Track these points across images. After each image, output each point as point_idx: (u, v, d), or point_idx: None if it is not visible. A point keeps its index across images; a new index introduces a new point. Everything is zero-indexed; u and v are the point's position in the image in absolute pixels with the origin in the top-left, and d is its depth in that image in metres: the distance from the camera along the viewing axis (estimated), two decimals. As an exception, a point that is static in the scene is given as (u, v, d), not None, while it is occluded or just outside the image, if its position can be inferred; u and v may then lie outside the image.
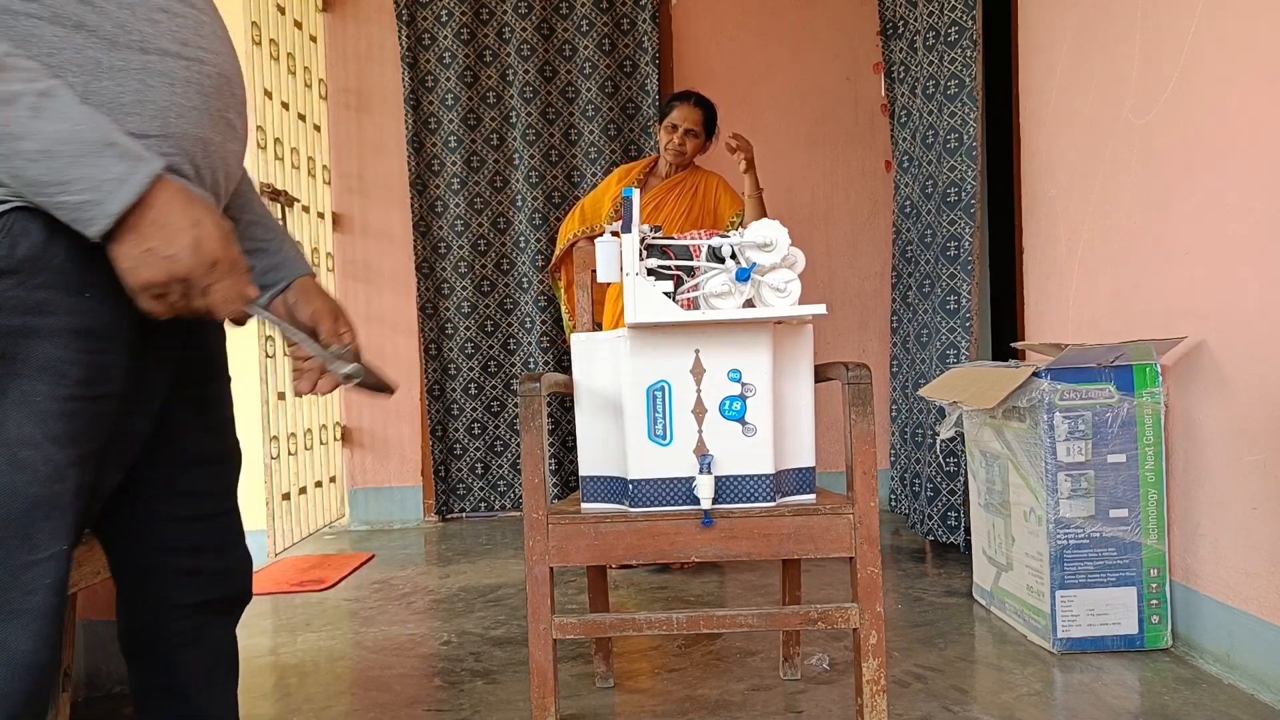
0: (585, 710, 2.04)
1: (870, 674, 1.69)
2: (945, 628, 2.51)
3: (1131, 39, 2.41)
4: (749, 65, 4.22)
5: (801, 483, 1.74)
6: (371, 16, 4.17)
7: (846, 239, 4.21)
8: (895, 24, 3.72)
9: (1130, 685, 2.07)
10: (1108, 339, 2.48)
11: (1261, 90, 1.96)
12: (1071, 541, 2.26)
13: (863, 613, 1.68)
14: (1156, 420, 2.26)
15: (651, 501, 1.67)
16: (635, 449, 1.67)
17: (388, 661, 2.38)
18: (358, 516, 4.22)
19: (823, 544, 1.67)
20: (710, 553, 1.65)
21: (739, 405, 1.65)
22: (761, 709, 2.00)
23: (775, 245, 1.64)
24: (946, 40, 3.31)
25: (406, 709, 2.07)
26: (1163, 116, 2.30)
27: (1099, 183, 2.59)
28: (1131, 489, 2.26)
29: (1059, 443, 2.26)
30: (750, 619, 1.70)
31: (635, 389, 1.66)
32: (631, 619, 1.70)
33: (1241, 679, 2.04)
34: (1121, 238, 2.48)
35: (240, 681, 2.21)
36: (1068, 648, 2.27)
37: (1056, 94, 2.85)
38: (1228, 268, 2.07)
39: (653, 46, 4.02)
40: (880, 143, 4.15)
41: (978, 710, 1.96)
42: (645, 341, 1.66)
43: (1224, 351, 2.10)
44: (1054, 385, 2.26)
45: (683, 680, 2.18)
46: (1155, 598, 2.26)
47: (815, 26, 4.20)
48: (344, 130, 4.20)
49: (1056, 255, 2.86)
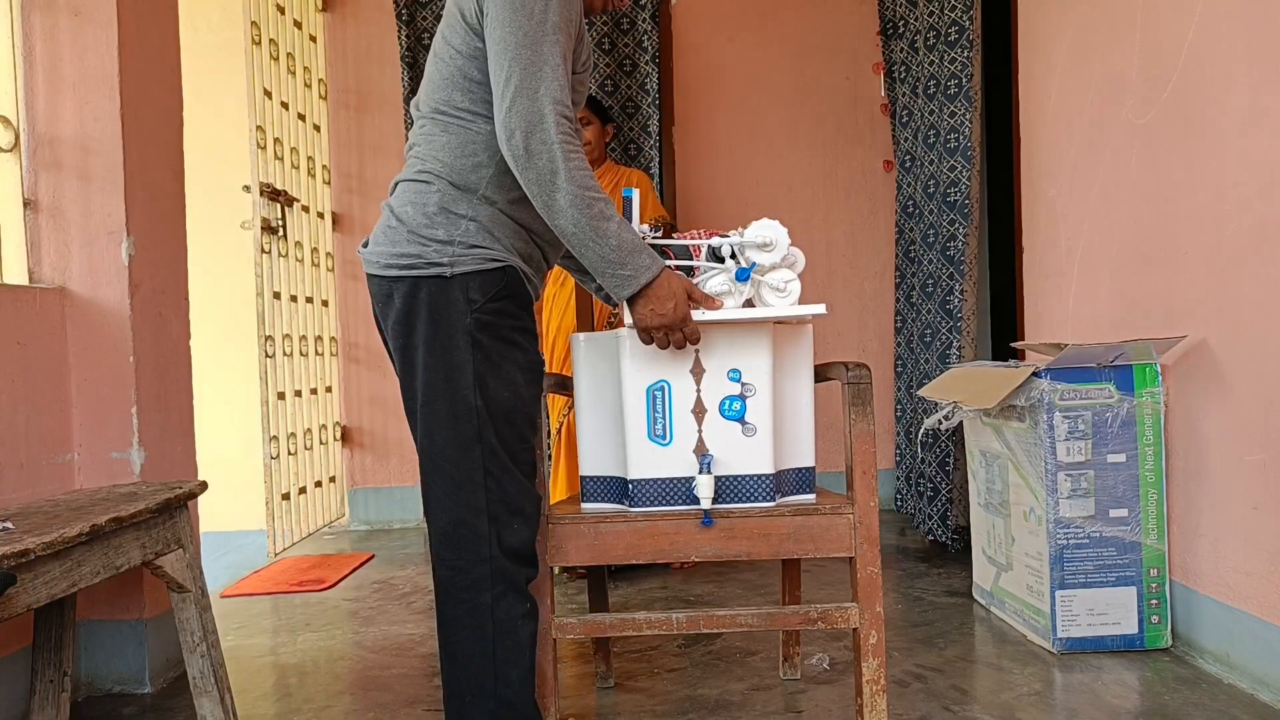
0: (585, 710, 2.04)
1: (870, 674, 1.69)
2: (945, 628, 2.51)
3: (1131, 39, 2.41)
4: (749, 65, 4.21)
5: (801, 483, 1.74)
6: (371, 16, 4.17)
7: (846, 239, 4.21)
8: (895, 24, 3.72)
9: (1130, 685, 2.07)
10: (1108, 339, 2.48)
11: (1261, 90, 1.96)
12: (1071, 541, 2.26)
13: (863, 613, 1.68)
14: (1156, 420, 2.26)
15: (651, 501, 1.67)
16: (635, 449, 1.67)
17: (388, 661, 2.38)
18: (358, 516, 4.22)
19: (823, 544, 1.67)
20: (710, 553, 1.65)
21: (739, 405, 1.65)
22: (761, 709, 2.00)
23: (775, 245, 1.64)
24: (946, 40, 3.31)
25: (406, 709, 2.08)
26: (1163, 116, 2.30)
27: (1099, 183, 2.59)
28: (1131, 489, 2.26)
29: (1059, 442, 2.26)
30: (750, 619, 1.70)
31: (635, 389, 1.66)
32: (631, 619, 1.71)
33: (1241, 679, 2.04)
34: (1121, 238, 2.48)
35: (240, 681, 2.21)
36: (1068, 647, 2.27)
37: (1056, 94, 2.85)
38: (1228, 268, 2.07)
39: (652, 46, 4.02)
40: (880, 143, 4.15)
41: (978, 710, 1.96)
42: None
43: (1224, 351, 2.10)
44: (1054, 385, 2.26)
45: (683, 680, 2.18)
46: (1155, 597, 2.26)
47: (815, 26, 4.20)
48: (344, 130, 4.20)
49: (1056, 255, 2.86)
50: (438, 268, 1.45)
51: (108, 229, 2.20)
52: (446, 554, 1.47)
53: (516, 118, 1.38)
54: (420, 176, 1.50)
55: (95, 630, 2.23)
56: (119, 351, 2.21)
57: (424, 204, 1.48)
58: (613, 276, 1.46)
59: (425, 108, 1.54)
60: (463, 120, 1.50)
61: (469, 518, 1.46)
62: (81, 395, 2.20)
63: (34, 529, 1.51)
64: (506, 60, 1.40)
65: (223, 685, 1.90)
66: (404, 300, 1.47)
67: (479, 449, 1.46)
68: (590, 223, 1.41)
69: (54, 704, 1.89)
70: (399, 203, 1.51)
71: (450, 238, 1.46)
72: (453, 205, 1.48)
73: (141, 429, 2.22)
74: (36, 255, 2.20)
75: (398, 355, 1.51)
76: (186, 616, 1.87)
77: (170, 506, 1.82)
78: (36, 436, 2.08)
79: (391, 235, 1.49)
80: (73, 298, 2.20)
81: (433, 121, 1.52)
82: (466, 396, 1.46)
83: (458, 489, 1.47)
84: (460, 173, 1.49)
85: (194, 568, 1.91)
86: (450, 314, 1.45)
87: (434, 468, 1.48)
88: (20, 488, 2.01)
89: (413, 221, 1.48)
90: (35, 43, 2.18)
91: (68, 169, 2.20)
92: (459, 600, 1.47)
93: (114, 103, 2.19)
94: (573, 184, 1.39)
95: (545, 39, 1.40)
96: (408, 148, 1.58)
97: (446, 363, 1.46)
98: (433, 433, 1.48)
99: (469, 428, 1.46)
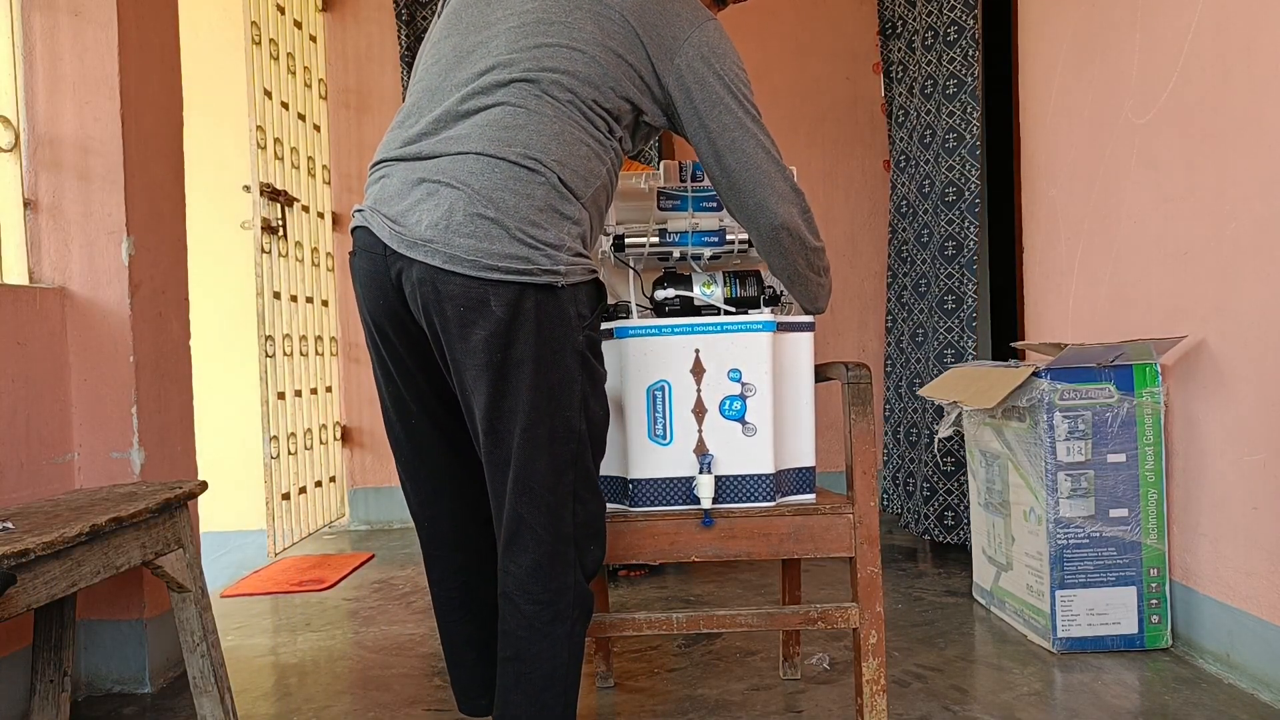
0: (585, 710, 2.04)
1: (870, 674, 1.69)
2: (945, 627, 2.51)
3: (1131, 39, 2.41)
4: (749, 65, 4.20)
5: (801, 482, 1.74)
6: (371, 16, 4.17)
7: (846, 239, 4.21)
8: (894, 24, 3.71)
9: (1130, 685, 2.07)
10: (1108, 339, 2.48)
11: (1261, 90, 1.96)
12: (1071, 541, 2.26)
13: (863, 612, 1.68)
14: (1156, 420, 2.26)
15: (651, 501, 1.67)
16: (635, 449, 1.67)
17: (388, 661, 2.38)
18: (358, 516, 4.22)
19: (823, 544, 1.67)
20: (710, 553, 1.65)
21: (739, 405, 1.65)
22: (761, 709, 2.00)
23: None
24: (946, 40, 3.31)
25: (406, 709, 2.07)
26: (1163, 116, 2.30)
27: (1099, 183, 2.59)
28: (1131, 489, 2.26)
29: (1059, 442, 2.26)
30: (750, 619, 1.69)
31: (635, 389, 1.66)
32: (631, 619, 1.70)
33: (1241, 679, 2.04)
34: (1121, 238, 2.48)
35: (240, 681, 2.21)
36: (1067, 647, 2.27)
37: (1056, 94, 2.85)
38: (1228, 268, 2.07)
39: (653, 46, 4.02)
40: (880, 143, 4.15)
41: (978, 710, 1.96)
42: (645, 341, 1.66)
43: (1224, 351, 2.10)
44: (1054, 385, 2.26)
45: (683, 680, 2.18)
46: (1155, 597, 2.26)
47: (815, 26, 4.20)
48: (344, 130, 4.20)
49: (1056, 255, 2.86)
50: (550, 275, 1.29)
51: (108, 229, 2.20)
52: (536, 588, 1.34)
53: (784, 214, 1.49)
54: (524, 161, 1.29)
55: (95, 630, 2.23)
56: (119, 351, 2.21)
57: (530, 195, 1.28)
58: (816, 289, 1.63)
59: (537, 80, 1.32)
60: (598, 125, 1.36)
61: (561, 547, 1.36)
62: (81, 395, 2.20)
63: (34, 529, 1.51)
64: (750, 160, 1.46)
65: (223, 685, 1.90)
66: (507, 309, 1.28)
67: (573, 473, 1.36)
68: (822, 278, 1.62)
69: (54, 704, 1.89)
70: (484, 185, 1.28)
71: (559, 242, 1.30)
72: (560, 205, 1.31)
73: (141, 429, 2.22)
74: (36, 255, 2.20)
75: (489, 370, 1.30)
76: (186, 616, 1.87)
77: (170, 506, 1.82)
78: (36, 436, 2.08)
79: (485, 228, 1.27)
80: (73, 298, 2.20)
81: (551, 103, 1.32)
82: (570, 419, 1.34)
83: (552, 517, 1.35)
84: (573, 172, 1.32)
85: (194, 568, 1.91)
86: (561, 329, 1.32)
87: (530, 496, 1.33)
88: (20, 488, 2.01)
89: (515, 214, 1.28)
90: (35, 43, 2.18)
91: (68, 169, 2.20)
92: (543, 635, 1.35)
93: (114, 103, 2.19)
94: (822, 257, 1.61)
95: (760, 121, 1.51)
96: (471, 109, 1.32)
97: (552, 381, 1.32)
98: (534, 458, 1.32)
99: (567, 451, 1.35)
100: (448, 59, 1.41)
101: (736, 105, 1.45)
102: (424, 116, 1.37)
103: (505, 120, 1.30)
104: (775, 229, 1.50)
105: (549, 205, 1.29)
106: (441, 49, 1.44)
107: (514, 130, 1.30)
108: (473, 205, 1.27)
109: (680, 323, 1.65)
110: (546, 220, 1.29)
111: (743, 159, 1.45)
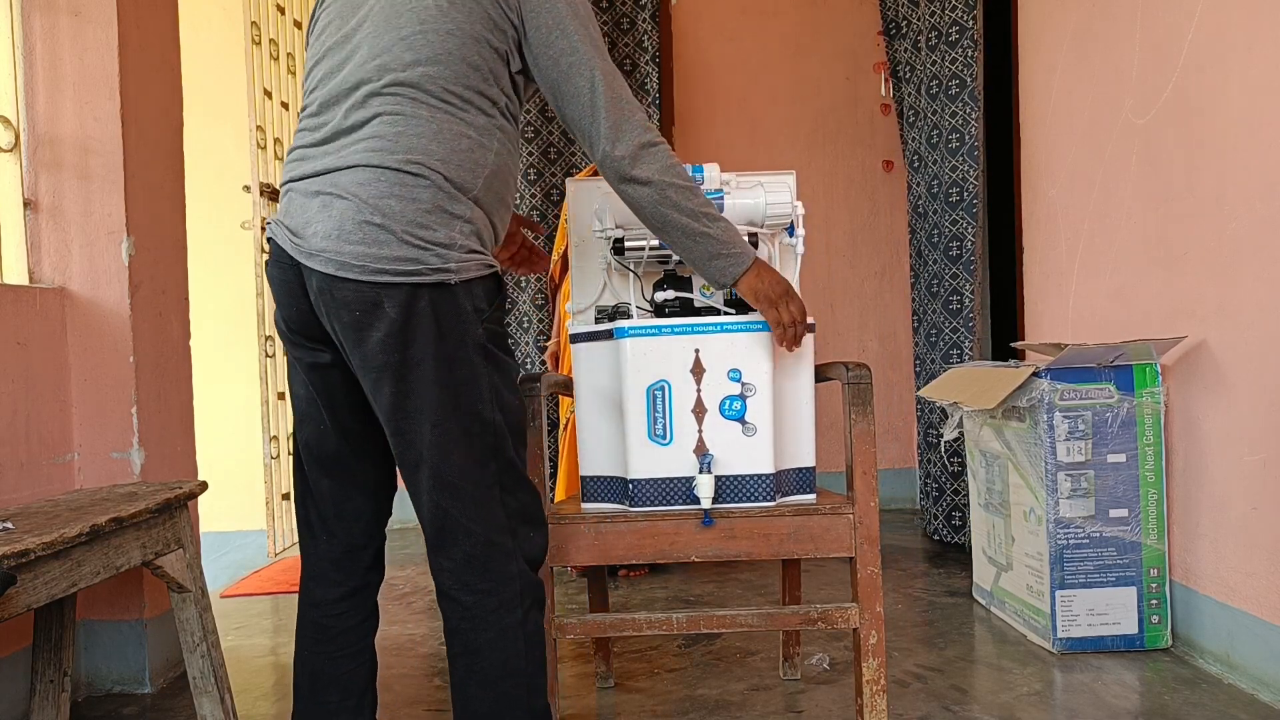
0: (585, 710, 2.04)
1: (870, 674, 1.69)
2: (945, 628, 2.51)
3: (1131, 39, 2.41)
4: (749, 65, 4.21)
5: (801, 483, 1.74)
6: (371, 16, 4.17)
7: (846, 239, 4.21)
8: (898, 23, 3.71)
9: (1130, 685, 2.07)
10: (1108, 339, 2.48)
11: (1261, 90, 1.96)
12: (1071, 541, 2.26)
13: (863, 613, 1.68)
14: (1156, 420, 2.26)
15: (651, 501, 1.67)
16: (635, 449, 1.67)
17: (388, 661, 2.38)
18: (358, 516, 4.21)
19: (823, 544, 1.67)
20: (710, 553, 1.65)
21: (739, 405, 1.65)
22: (761, 709, 2.00)
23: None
24: (948, 40, 3.31)
25: (406, 709, 2.07)
26: (1163, 116, 2.30)
27: (1099, 183, 2.59)
28: (1131, 489, 2.26)
29: (1059, 443, 2.26)
30: (750, 619, 1.69)
31: (635, 389, 1.66)
32: (631, 619, 1.70)
33: (1241, 679, 2.04)
34: (1121, 238, 2.48)
35: (240, 681, 2.21)
36: (1068, 647, 2.27)
37: (1056, 94, 2.85)
38: (1228, 268, 2.07)
39: (653, 46, 4.01)
40: (880, 143, 4.15)
41: (978, 710, 1.96)
42: (645, 341, 1.66)
43: (1224, 351, 2.10)
44: (1054, 385, 2.26)
45: (683, 680, 2.18)
46: (1155, 597, 2.26)
47: (815, 26, 4.20)
48: (344, 130, 4.19)
49: (1056, 255, 2.86)
50: (441, 274, 1.32)
51: (108, 229, 2.20)
52: (473, 579, 1.37)
53: (626, 145, 1.42)
54: (407, 167, 1.33)
55: (95, 630, 2.23)
56: (119, 351, 2.21)
57: (415, 199, 1.32)
58: (710, 266, 1.51)
59: (406, 81, 1.36)
60: (476, 109, 1.39)
61: (496, 537, 1.38)
62: (82, 395, 2.20)
63: (34, 529, 1.51)
64: (587, 81, 1.41)
65: (223, 685, 1.90)
66: (400, 310, 1.31)
67: (495, 464, 1.38)
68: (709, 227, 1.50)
69: (54, 704, 1.89)
70: (371, 194, 1.32)
71: (450, 240, 1.34)
72: (449, 205, 1.34)
73: (141, 429, 2.22)
74: (36, 255, 2.20)
75: (388, 371, 1.34)
76: (186, 616, 1.87)
77: (170, 506, 1.82)
78: (37, 436, 2.08)
79: (373, 234, 1.31)
80: (73, 298, 2.20)
81: (426, 104, 1.36)
82: (482, 411, 1.37)
83: (480, 509, 1.37)
84: (458, 168, 1.36)
85: (194, 568, 1.91)
86: (459, 324, 1.34)
87: (452, 491, 1.36)
88: (20, 488, 2.01)
89: (402, 219, 1.32)
90: (35, 42, 2.18)
91: (68, 169, 2.20)
92: (488, 624, 1.37)
93: (114, 103, 2.19)
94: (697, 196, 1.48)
95: (605, 50, 1.44)
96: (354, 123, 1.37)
97: (457, 377, 1.35)
98: (449, 453, 1.35)
99: (484, 443, 1.37)
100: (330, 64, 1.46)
101: (576, 27, 1.42)
102: (318, 131, 1.43)
103: (384, 131, 1.36)
104: (624, 180, 1.45)
105: (437, 206, 1.34)
106: (325, 42, 1.49)
107: (394, 139, 1.35)
108: (361, 214, 1.32)
109: (680, 323, 1.65)
110: (435, 221, 1.34)
111: (575, 86, 1.42)
